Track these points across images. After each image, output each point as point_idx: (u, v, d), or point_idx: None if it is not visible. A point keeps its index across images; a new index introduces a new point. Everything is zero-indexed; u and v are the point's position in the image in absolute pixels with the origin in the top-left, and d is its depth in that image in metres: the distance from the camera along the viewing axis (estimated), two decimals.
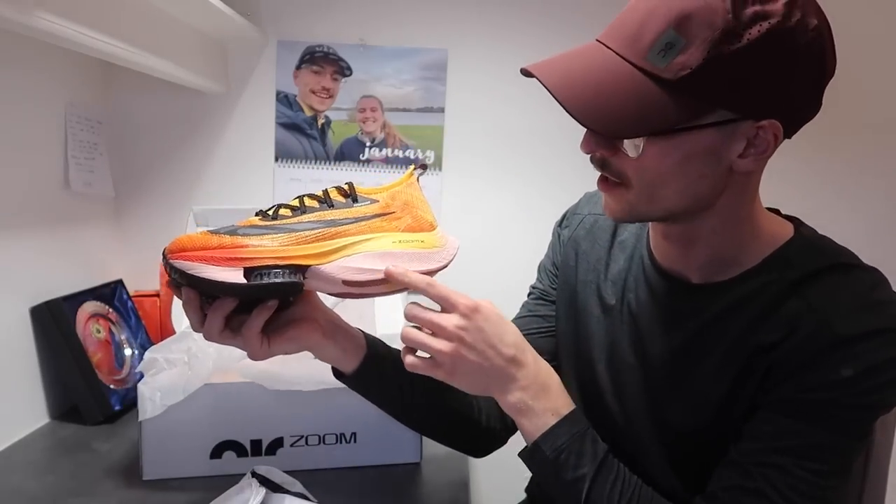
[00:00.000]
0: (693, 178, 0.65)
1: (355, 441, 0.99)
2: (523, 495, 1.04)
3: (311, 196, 0.75)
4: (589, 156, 0.69)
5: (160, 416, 0.92)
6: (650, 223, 0.79)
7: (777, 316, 0.67)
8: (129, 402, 1.19)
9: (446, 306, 0.70)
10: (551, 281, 0.93)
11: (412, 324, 0.71)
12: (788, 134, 0.67)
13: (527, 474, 1.02)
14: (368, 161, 1.52)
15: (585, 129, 0.65)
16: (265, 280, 0.66)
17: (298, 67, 1.50)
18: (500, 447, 0.92)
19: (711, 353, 0.71)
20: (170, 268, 0.66)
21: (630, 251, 0.82)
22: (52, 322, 1.15)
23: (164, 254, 0.66)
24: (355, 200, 0.76)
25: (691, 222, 0.70)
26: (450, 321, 0.68)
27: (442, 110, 1.51)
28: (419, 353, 0.72)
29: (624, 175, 0.67)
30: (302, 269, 0.68)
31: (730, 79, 0.60)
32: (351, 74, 1.50)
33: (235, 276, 0.65)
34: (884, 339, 0.63)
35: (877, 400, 0.64)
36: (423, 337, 0.70)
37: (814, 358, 0.64)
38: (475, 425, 0.88)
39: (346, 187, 0.76)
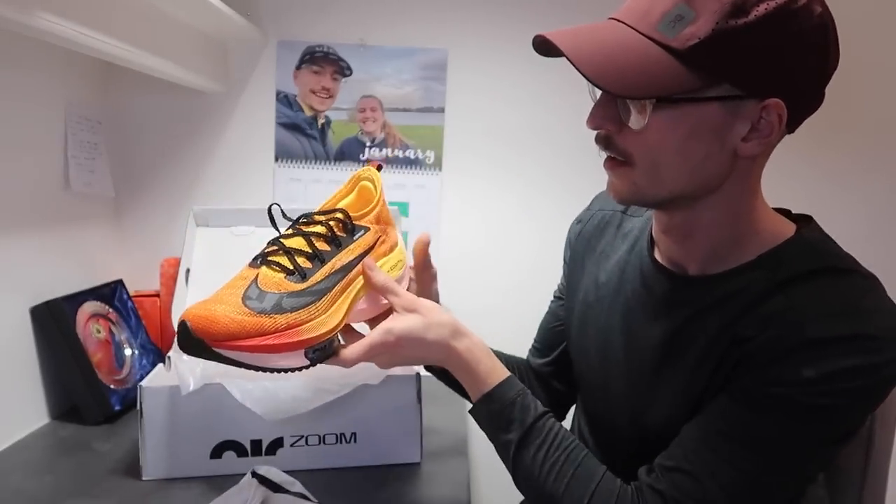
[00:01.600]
0: (697, 157, 0.66)
1: (355, 441, 0.99)
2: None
3: (317, 235, 0.74)
4: (594, 139, 0.70)
5: (160, 416, 0.92)
6: (653, 218, 0.79)
7: (757, 312, 0.67)
8: (129, 402, 1.19)
9: (377, 347, 0.74)
10: (564, 280, 0.98)
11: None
12: (791, 126, 0.68)
13: None
14: (368, 161, 1.52)
15: (592, 106, 0.67)
16: (320, 353, 0.70)
17: (298, 67, 1.50)
18: (571, 406, 1.00)
19: (692, 346, 0.72)
20: (219, 357, 0.65)
21: (632, 243, 0.84)
22: (52, 322, 1.15)
23: (195, 335, 0.64)
24: (353, 232, 0.77)
25: (693, 210, 0.70)
26: (385, 352, 0.74)
27: (442, 110, 1.51)
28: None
29: (628, 153, 0.67)
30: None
31: (736, 52, 0.61)
32: (351, 74, 1.50)
33: (299, 359, 0.68)
34: (855, 345, 0.62)
35: (830, 404, 0.63)
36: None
37: (780, 355, 0.64)
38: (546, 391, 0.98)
39: (343, 218, 0.76)
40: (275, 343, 0.65)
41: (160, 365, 1.07)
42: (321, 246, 0.73)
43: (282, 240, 0.74)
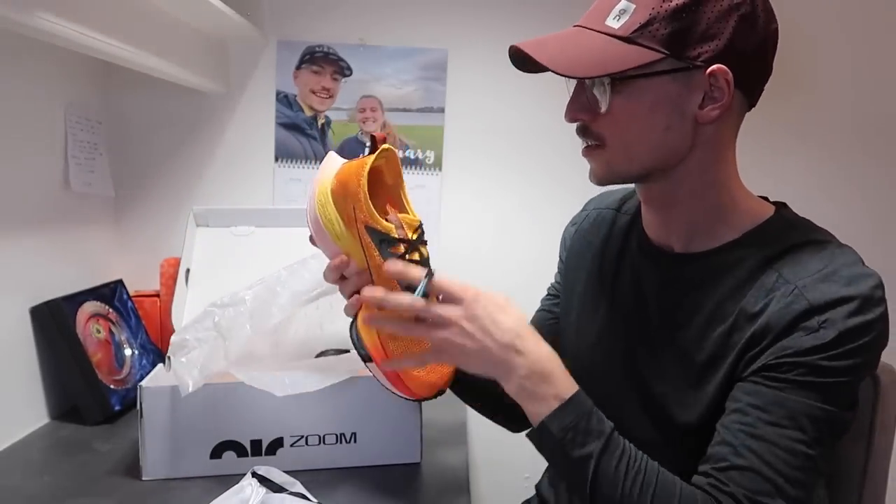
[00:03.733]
0: (660, 128, 0.73)
1: (355, 441, 0.99)
2: (522, 496, 1.04)
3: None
4: (575, 131, 0.77)
5: (160, 416, 0.92)
6: (637, 192, 0.84)
7: (755, 287, 0.72)
8: (129, 402, 1.19)
9: (449, 299, 0.74)
10: (558, 278, 1.00)
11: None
12: (749, 96, 0.75)
13: (527, 474, 1.03)
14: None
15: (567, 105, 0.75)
16: None
17: (298, 67, 1.50)
18: None
19: (693, 319, 0.76)
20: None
21: (625, 234, 0.88)
22: (52, 322, 1.15)
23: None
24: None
25: (668, 181, 0.76)
26: (450, 311, 0.73)
27: (442, 110, 1.51)
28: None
29: (601, 136, 0.75)
30: None
31: (672, 27, 0.69)
32: (351, 74, 1.50)
33: None
34: (851, 305, 0.67)
35: (853, 364, 0.67)
36: (419, 328, 0.74)
37: (790, 325, 0.68)
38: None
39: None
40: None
41: (160, 365, 1.07)
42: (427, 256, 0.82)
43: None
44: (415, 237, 0.80)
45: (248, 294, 0.99)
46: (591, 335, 0.88)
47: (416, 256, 0.79)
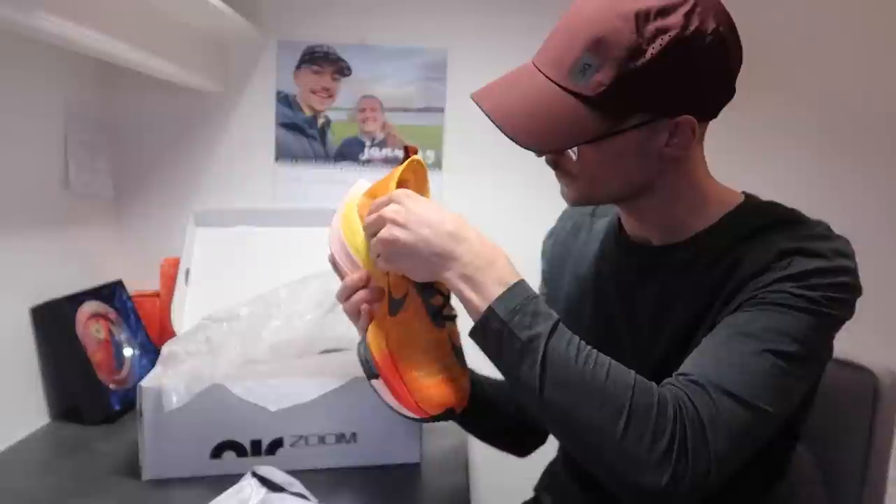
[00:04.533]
0: (628, 169, 0.75)
1: (355, 441, 0.99)
2: (522, 496, 1.04)
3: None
4: (545, 161, 0.79)
5: (160, 416, 0.92)
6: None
7: (728, 258, 0.74)
8: (129, 402, 1.19)
9: (383, 203, 0.74)
10: (542, 288, 1.00)
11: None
12: (709, 118, 0.76)
13: (527, 474, 1.03)
14: (368, 161, 1.52)
15: None
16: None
17: (298, 67, 1.50)
18: (542, 444, 1.00)
19: (675, 305, 0.77)
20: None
21: (603, 236, 0.90)
22: (52, 322, 1.15)
23: (456, 412, 0.80)
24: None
25: (639, 201, 0.79)
26: (387, 209, 0.73)
27: (442, 110, 1.51)
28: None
29: (571, 174, 0.77)
30: None
31: (641, 88, 0.68)
32: (351, 74, 1.50)
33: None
34: (817, 254, 0.70)
35: (822, 300, 0.68)
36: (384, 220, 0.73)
37: (764, 268, 0.70)
38: (522, 424, 0.95)
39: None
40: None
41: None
42: None
43: (436, 286, 0.78)
44: None
45: (244, 310, 0.99)
46: (578, 328, 0.87)
47: None
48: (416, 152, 0.82)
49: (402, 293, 0.77)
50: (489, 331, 0.68)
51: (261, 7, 1.47)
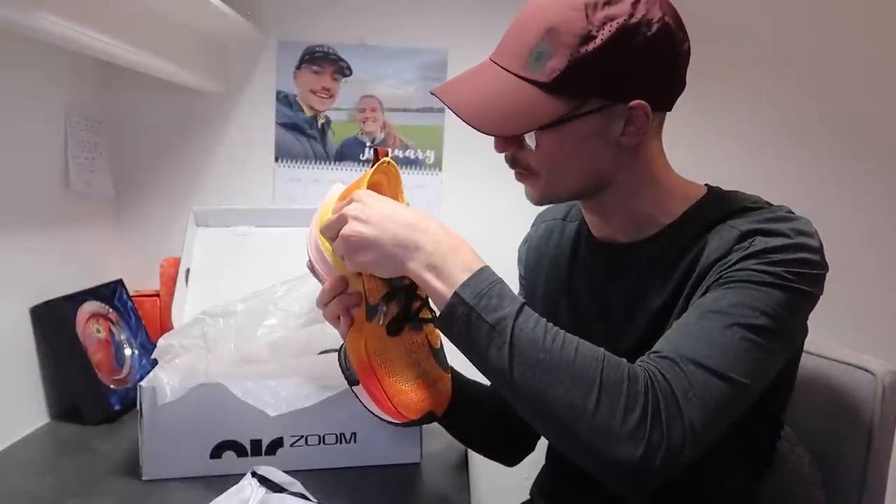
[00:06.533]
0: (588, 158, 0.76)
1: (355, 441, 0.99)
2: (522, 496, 1.04)
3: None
4: (503, 159, 0.81)
5: (160, 416, 0.92)
6: (581, 206, 0.88)
7: (694, 248, 0.76)
8: (129, 402, 1.19)
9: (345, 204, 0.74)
10: (521, 293, 1.02)
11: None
12: (663, 109, 0.78)
13: (527, 474, 1.03)
14: (368, 161, 1.52)
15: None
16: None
17: (298, 67, 1.50)
18: (530, 452, 1.00)
19: (648, 299, 0.79)
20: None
21: (574, 239, 0.92)
22: (52, 322, 1.15)
23: (437, 415, 0.81)
24: None
25: (603, 193, 0.80)
26: (349, 207, 0.73)
27: (442, 110, 1.51)
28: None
29: (530, 167, 0.78)
30: None
31: (593, 73, 0.71)
32: (351, 74, 1.50)
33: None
34: (781, 232, 0.72)
35: (786, 275, 0.70)
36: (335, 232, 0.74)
37: (728, 250, 0.73)
38: (509, 430, 0.95)
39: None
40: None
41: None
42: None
43: (419, 292, 0.78)
44: None
45: (241, 306, 0.98)
46: None
47: None
48: (385, 154, 0.82)
49: (378, 298, 0.77)
50: (455, 316, 0.68)
51: (261, 7, 1.47)
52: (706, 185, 0.85)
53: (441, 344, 0.81)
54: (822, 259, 0.73)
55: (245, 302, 1.00)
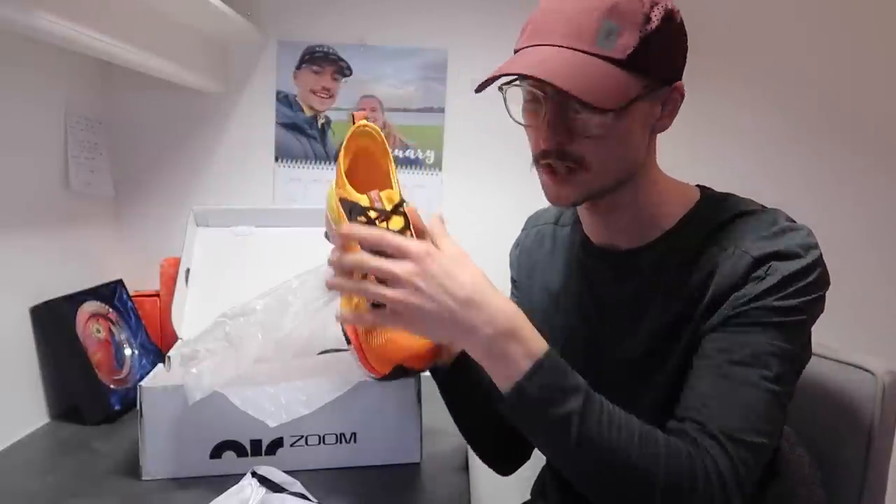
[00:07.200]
0: (634, 146, 0.77)
1: (355, 441, 0.99)
2: (523, 497, 1.04)
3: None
4: (541, 157, 0.77)
5: (160, 416, 0.92)
6: (578, 209, 0.88)
7: (701, 261, 0.76)
8: (129, 401, 1.19)
9: (399, 254, 0.69)
10: (515, 295, 1.01)
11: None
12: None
13: (527, 474, 1.03)
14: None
15: (544, 128, 0.74)
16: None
17: (298, 67, 1.50)
18: (526, 460, 0.99)
19: (649, 307, 0.79)
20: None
21: (568, 244, 0.92)
22: (52, 322, 1.15)
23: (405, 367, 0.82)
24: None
25: (620, 190, 0.79)
26: (402, 268, 0.68)
27: (442, 110, 1.51)
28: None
29: (582, 158, 0.75)
30: None
31: (656, 52, 0.72)
32: (351, 74, 1.50)
33: None
34: (790, 254, 0.72)
35: (803, 303, 0.72)
36: (373, 287, 0.69)
37: (742, 279, 0.73)
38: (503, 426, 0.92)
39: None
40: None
41: (160, 365, 1.07)
42: (407, 234, 0.78)
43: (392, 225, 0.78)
44: (391, 208, 0.78)
45: (259, 304, 0.98)
46: (554, 337, 0.85)
47: (391, 225, 0.77)
48: (363, 118, 0.80)
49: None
50: (520, 407, 0.69)
51: (261, 7, 1.47)
52: (697, 186, 0.85)
53: None
54: (827, 274, 0.75)
55: (263, 298, 0.98)
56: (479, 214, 1.54)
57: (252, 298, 0.99)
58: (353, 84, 1.51)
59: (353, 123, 0.81)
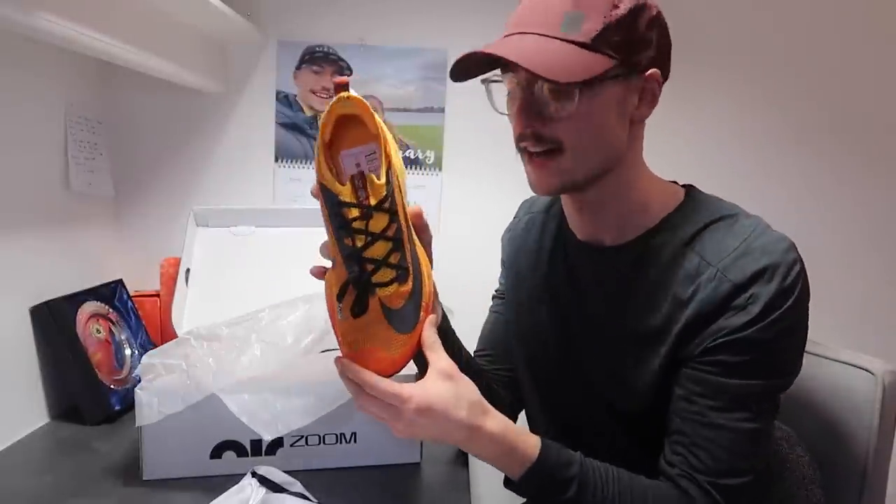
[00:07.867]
0: (609, 129, 0.77)
1: (355, 441, 0.99)
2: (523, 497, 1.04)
3: (385, 229, 0.73)
4: (519, 141, 0.79)
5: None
6: (566, 204, 0.89)
7: (682, 271, 0.77)
8: (129, 401, 1.19)
9: (397, 402, 0.71)
10: (502, 281, 1.06)
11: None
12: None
13: None
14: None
15: (516, 113, 0.78)
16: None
17: (298, 67, 1.50)
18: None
19: (628, 305, 0.81)
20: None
21: (555, 236, 0.93)
22: (52, 322, 1.15)
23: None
24: (386, 191, 0.74)
25: (602, 184, 0.80)
26: (403, 417, 0.71)
27: (442, 110, 1.51)
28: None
29: (558, 140, 0.76)
30: None
31: (622, 37, 0.74)
32: (351, 74, 1.50)
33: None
34: (771, 275, 0.73)
35: (784, 328, 0.73)
36: (382, 417, 0.73)
37: (721, 307, 0.74)
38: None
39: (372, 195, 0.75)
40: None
41: None
42: (390, 232, 0.72)
43: (365, 254, 0.71)
44: (374, 203, 0.71)
45: (226, 331, 0.95)
46: (536, 330, 0.92)
47: (372, 226, 0.71)
48: (346, 87, 0.75)
49: (336, 292, 0.74)
50: (522, 493, 0.82)
51: (261, 7, 1.47)
52: (684, 186, 0.85)
53: (405, 303, 0.74)
54: (807, 283, 0.75)
55: (230, 327, 0.96)
56: (478, 214, 1.54)
57: (221, 323, 0.96)
58: (353, 84, 1.50)
59: (335, 93, 0.74)
